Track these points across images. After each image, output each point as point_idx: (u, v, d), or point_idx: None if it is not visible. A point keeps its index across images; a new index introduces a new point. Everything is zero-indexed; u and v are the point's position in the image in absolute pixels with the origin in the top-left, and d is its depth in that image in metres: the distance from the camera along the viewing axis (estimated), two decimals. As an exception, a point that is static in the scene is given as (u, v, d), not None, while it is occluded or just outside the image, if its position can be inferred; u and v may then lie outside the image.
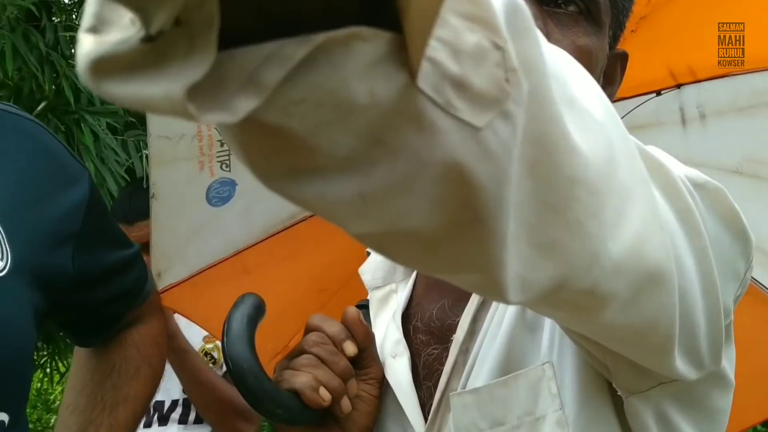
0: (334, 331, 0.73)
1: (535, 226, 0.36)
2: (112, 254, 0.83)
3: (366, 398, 0.75)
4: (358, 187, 0.29)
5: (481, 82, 0.28)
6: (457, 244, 0.33)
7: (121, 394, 0.88)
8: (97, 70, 0.24)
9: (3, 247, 0.64)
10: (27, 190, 0.69)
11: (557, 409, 0.64)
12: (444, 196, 0.30)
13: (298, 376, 0.70)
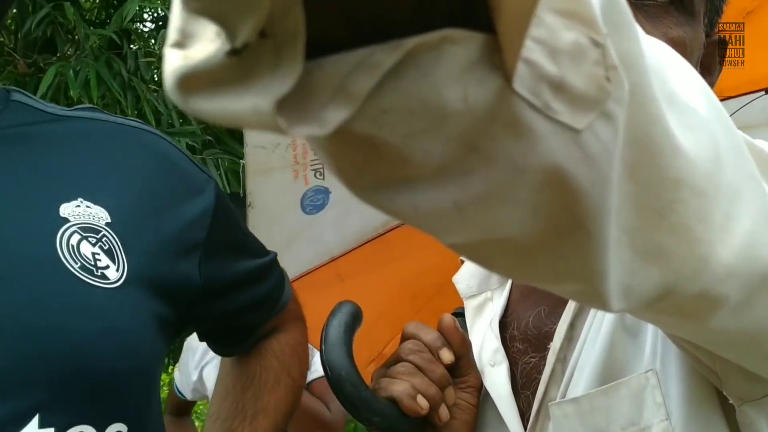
0: (430, 338, 0.72)
1: (638, 231, 0.34)
2: (243, 263, 0.83)
3: (464, 407, 0.74)
4: (452, 196, 0.28)
5: (580, 82, 0.27)
6: (557, 252, 0.32)
7: (260, 404, 0.89)
8: (184, 86, 0.23)
9: (120, 258, 0.65)
10: (148, 201, 0.70)
11: (663, 419, 0.61)
12: (543, 204, 0.29)
13: (395, 384, 0.69)
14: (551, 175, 0.28)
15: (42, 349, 0.58)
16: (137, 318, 0.64)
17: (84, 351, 0.60)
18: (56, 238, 0.62)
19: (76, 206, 0.65)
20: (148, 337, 0.66)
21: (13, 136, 0.67)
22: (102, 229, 0.65)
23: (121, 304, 0.63)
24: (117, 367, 0.62)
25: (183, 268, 0.72)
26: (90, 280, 0.62)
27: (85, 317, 0.60)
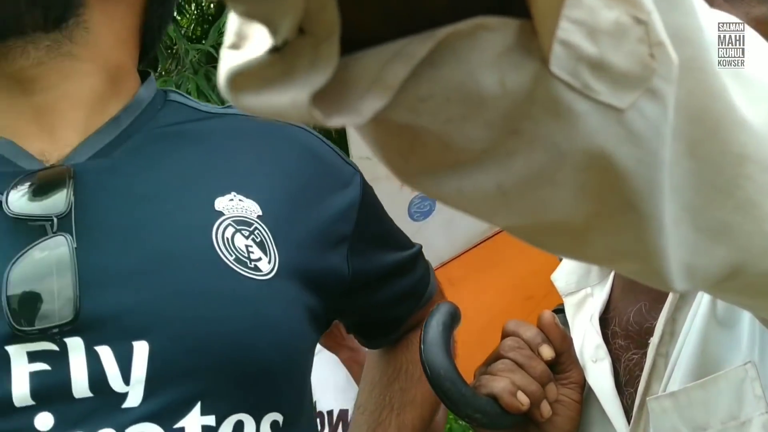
0: (530, 335, 0.72)
1: (701, 209, 0.33)
2: (390, 256, 0.83)
3: (567, 403, 0.73)
4: (496, 179, 0.28)
5: (621, 61, 0.27)
6: (610, 233, 0.31)
7: (408, 397, 0.90)
8: (234, 84, 0.25)
9: (271, 251, 0.67)
10: (296, 194, 0.72)
11: (764, 412, 0.60)
12: (590, 185, 0.29)
13: (495, 381, 0.70)
14: (595, 155, 0.28)
15: (202, 339, 0.60)
16: (289, 310, 0.66)
17: (241, 342, 0.61)
18: (212, 231, 0.64)
19: (230, 200, 0.67)
20: (300, 328, 0.68)
21: (171, 133, 0.70)
22: (254, 222, 0.67)
23: (273, 296, 0.65)
24: (272, 357, 0.63)
25: (332, 261, 0.73)
26: (244, 272, 0.64)
27: (241, 309, 0.62)
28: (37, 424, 0.56)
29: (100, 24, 0.67)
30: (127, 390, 0.57)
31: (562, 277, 0.83)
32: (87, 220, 0.61)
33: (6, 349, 0.56)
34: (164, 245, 0.62)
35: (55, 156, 0.65)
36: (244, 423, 0.62)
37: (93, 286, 0.57)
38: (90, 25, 0.66)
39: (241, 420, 0.62)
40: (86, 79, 0.67)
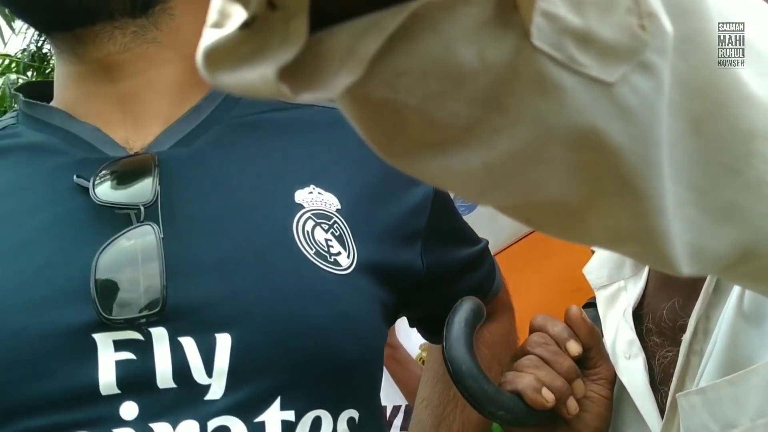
0: (556, 330, 0.71)
1: (707, 189, 0.32)
2: (461, 251, 0.83)
3: (596, 399, 0.72)
4: (481, 157, 0.27)
5: (609, 33, 0.26)
6: (608, 214, 0.30)
7: None
8: (209, 62, 0.24)
9: (350, 245, 0.66)
10: (372, 188, 0.71)
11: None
12: (581, 163, 0.28)
13: (520, 377, 0.69)
14: (584, 132, 0.27)
15: (283, 333, 0.59)
16: (366, 305, 0.65)
17: (321, 337, 0.61)
18: (293, 223, 0.64)
19: (309, 192, 0.67)
20: (376, 324, 0.67)
21: (250, 123, 0.70)
22: (333, 215, 0.66)
23: (352, 291, 0.64)
24: (351, 354, 0.63)
25: (407, 256, 0.72)
26: (324, 267, 0.63)
27: (321, 303, 0.61)
28: (122, 413, 0.55)
29: (185, 10, 0.66)
30: (209, 382, 0.57)
31: (594, 270, 0.81)
32: (171, 209, 0.61)
33: (93, 337, 0.56)
34: (247, 237, 0.62)
35: (138, 144, 0.65)
36: (322, 419, 0.61)
37: (177, 276, 0.57)
38: (175, 12, 0.66)
39: (319, 416, 0.61)
40: (170, 67, 0.67)
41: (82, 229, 0.60)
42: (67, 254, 0.59)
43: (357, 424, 0.64)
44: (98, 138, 0.65)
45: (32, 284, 0.57)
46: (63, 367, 0.55)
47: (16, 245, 0.59)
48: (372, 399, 0.69)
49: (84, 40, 0.63)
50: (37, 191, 0.62)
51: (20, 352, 0.55)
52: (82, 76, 0.66)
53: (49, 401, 0.54)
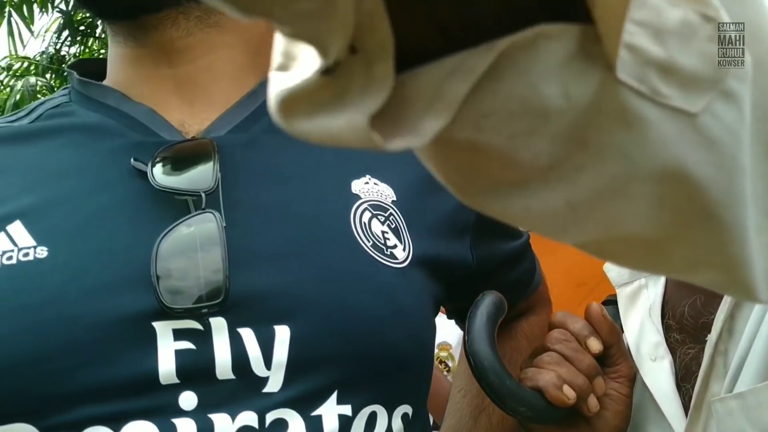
0: (577, 327, 0.71)
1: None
2: (507, 244, 0.82)
3: (616, 397, 0.72)
4: (564, 195, 0.26)
5: (691, 62, 0.25)
6: (689, 244, 0.29)
7: None
8: (285, 109, 0.24)
9: (405, 238, 0.65)
10: (425, 181, 0.69)
11: None
12: (665, 195, 0.27)
13: (541, 374, 0.69)
14: (669, 164, 0.26)
15: (341, 326, 0.58)
16: (421, 299, 0.64)
17: (379, 331, 0.59)
18: (350, 214, 0.62)
19: (365, 183, 0.65)
20: (429, 319, 0.65)
21: None
22: (389, 207, 0.65)
23: (407, 285, 0.62)
24: (407, 348, 0.61)
25: (457, 249, 0.71)
26: (381, 259, 0.61)
27: (379, 297, 0.60)
28: (181, 402, 0.54)
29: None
30: (267, 375, 0.56)
31: (615, 267, 0.81)
32: (230, 197, 0.59)
33: (153, 326, 0.54)
34: (305, 227, 0.60)
35: (194, 128, 0.64)
36: (378, 414, 0.60)
37: (237, 266, 0.55)
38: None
39: (375, 411, 0.59)
40: (229, 51, 0.66)
41: (141, 214, 0.59)
42: (126, 239, 0.57)
43: (410, 420, 0.63)
44: (154, 120, 0.64)
45: (91, 269, 0.56)
46: (122, 354, 0.54)
47: (75, 228, 0.58)
48: (423, 395, 0.67)
49: (147, 25, 0.63)
50: (94, 173, 0.61)
51: (79, 339, 0.53)
52: (140, 58, 0.65)
53: (109, 389, 0.53)
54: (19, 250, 0.56)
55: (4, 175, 0.61)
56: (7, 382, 0.53)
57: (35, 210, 0.59)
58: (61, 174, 0.61)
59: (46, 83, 5.06)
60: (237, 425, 0.54)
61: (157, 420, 0.53)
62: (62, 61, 5.17)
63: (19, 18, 4.70)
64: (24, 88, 4.69)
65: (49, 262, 0.56)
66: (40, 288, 0.55)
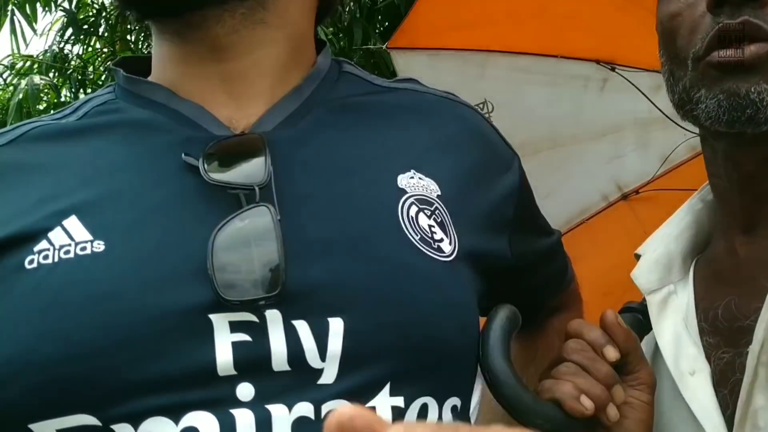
0: (593, 336, 0.70)
1: None
2: (542, 241, 0.83)
3: (637, 405, 0.70)
4: None
5: None
6: None
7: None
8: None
9: (451, 232, 0.65)
10: (468, 175, 0.70)
11: None
12: None
13: (558, 385, 0.68)
14: None
15: (394, 318, 0.58)
16: (468, 292, 0.65)
17: (430, 323, 0.60)
18: (398, 208, 0.63)
19: (410, 177, 0.66)
20: (475, 312, 0.66)
21: (350, 105, 0.70)
22: (434, 201, 0.66)
23: (455, 278, 0.63)
24: (457, 341, 0.62)
25: (497, 244, 0.72)
26: (429, 253, 0.62)
27: (429, 289, 0.60)
28: (239, 393, 0.55)
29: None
30: (322, 366, 0.56)
31: (643, 274, 0.80)
32: (282, 190, 0.60)
33: (210, 318, 0.55)
34: (356, 221, 0.61)
35: (242, 123, 0.65)
36: (429, 406, 0.60)
37: (291, 258, 0.56)
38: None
39: (426, 403, 0.60)
40: (274, 47, 0.66)
41: (194, 208, 0.59)
42: (181, 234, 0.58)
43: (459, 412, 0.64)
44: (202, 116, 0.64)
45: (148, 263, 0.56)
46: (180, 347, 0.54)
47: (130, 224, 0.58)
48: (470, 388, 0.68)
49: (192, 23, 0.63)
50: (146, 169, 0.62)
51: (138, 331, 0.54)
52: (186, 56, 0.66)
53: (167, 381, 0.54)
54: (77, 244, 0.57)
55: (57, 171, 0.62)
56: (69, 374, 0.54)
57: (90, 205, 0.59)
58: (114, 170, 0.62)
59: (50, 82, 5.05)
60: (294, 416, 0.55)
61: (215, 411, 0.54)
62: (65, 60, 5.17)
63: (22, 16, 4.68)
64: (28, 86, 4.67)
65: (107, 255, 0.57)
66: (99, 281, 0.56)
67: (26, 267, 0.57)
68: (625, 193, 1.83)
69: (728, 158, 0.71)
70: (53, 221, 0.58)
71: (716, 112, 0.65)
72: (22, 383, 0.54)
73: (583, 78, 1.69)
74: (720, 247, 0.76)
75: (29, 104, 4.69)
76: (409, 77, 0.80)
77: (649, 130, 1.76)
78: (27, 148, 0.65)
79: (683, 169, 1.78)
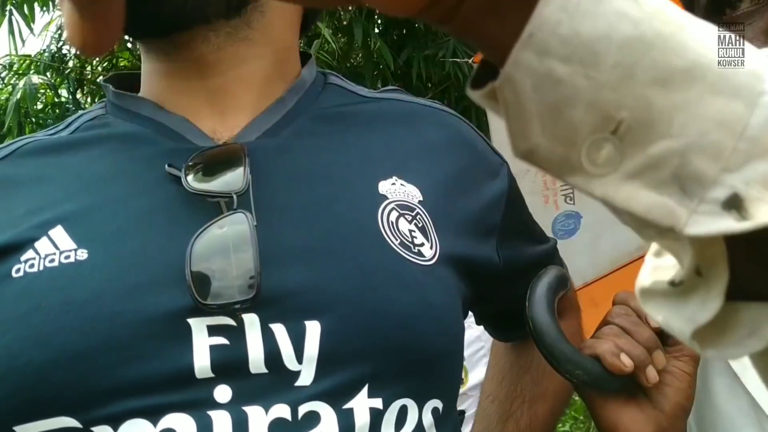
0: (637, 303, 0.70)
1: None
2: (533, 248, 0.83)
3: (678, 374, 0.72)
4: None
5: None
6: None
7: (539, 390, 0.89)
8: (644, 294, 0.33)
9: (432, 237, 0.66)
10: (452, 181, 0.71)
11: None
12: None
13: (599, 343, 0.70)
14: None
15: (372, 321, 0.59)
16: (449, 296, 0.66)
17: (408, 326, 0.61)
18: (378, 213, 0.64)
19: (392, 184, 0.67)
20: (458, 316, 0.67)
21: (333, 115, 0.71)
22: (415, 207, 0.67)
23: (435, 282, 0.64)
24: (437, 344, 0.63)
25: (484, 250, 0.73)
26: (408, 257, 0.63)
27: (407, 293, 0.61)
28: (216, 396, 0.56)
29: (273, 7, 0.67)
30: (299, 368, 0.57)
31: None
32: (260, 198, 0.61)
33: (188, 322, 0.56)
34: (334, 226, 0.62)
35: (225, 135, 0.66)
36: (408, 408, 0.61)
37: (268, 264, 0.57)
38: (265, 9, 0.67)
39: (406, 405, 0.61)
40: (259, 62, 0.68)
41: (175, 216, 0.61)
42: (162, 241, 0.59)
43: (440, 414, 0.64)
44: (187, 128, 0.66)
45: (129, 270, 0.58)
46: (159, 350, 0.56)
47: (113, 232, 0.60)
48: (453, 390, 0.69)
49: (177, 43, 0.65)
50: (130, 180, 0.63)
51: (118, 335, 0.56)
52: (172, 72, 0.68)
53: (147, 384, 0.55)
54: (61, 252, 0.59)
55: (47, 184, 0.64)
56: (51, 378, 0.55)
57: (76, 215, 0.61)
58: (99, 181, 0.64)
59: (48, 81, 5.04)
60: (270, 417, 0.56)
61: (193, 413, 0.55)
62: (63, 60, 5.17)
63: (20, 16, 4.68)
64: (26, 86, 4.67)
65: (89, 263, 0.58)
66: (81, 288, 0.57)
67: (13, 276, 0.58)
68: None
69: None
70: (40, 231, 0.60)
71: None
72: (5, 387, 0.55)
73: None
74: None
75: (27, 104, 4.70)
76: (395, 87, 0.81)
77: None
78: (18, 163, 0.67)
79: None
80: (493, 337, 0.98)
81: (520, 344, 0.93)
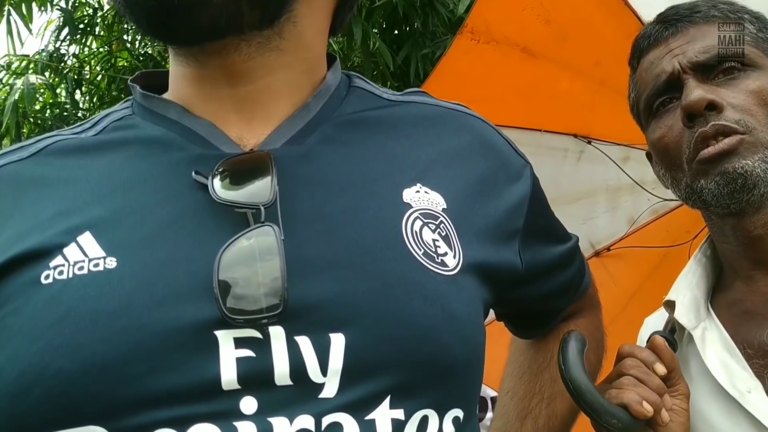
0: (645, 355, 0.86)
1: None
2: (555, 248, 0.84)
3: (679, 411, 0.86)
4: None
5: None
6: None
7: (558, 387, 0.90)
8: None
9: (455, 246, 0.66)
10: (474, 187, 0.71)
11: None
12: None
13: (624, 393, 0.83)
14: None
15: (394, 333, 0.59)
16: (472, 306, 0.66)
17: (431, 337, 0.61)
18: (402, 223, 0.64)
19: (416, 192, 0.67)
20: (480, 324, 0.67)
21: (357, 121, 0.71)
22: (439, 215, 0.67)
23: (458, 292, 0.64)
24: (458, 354, 0.63)
25: (506, 254, 0.72)
26: (432, 267, 0.63)
27: (430, 304, 0.61)
28: (242, 407, 0.56)
29: (306, 17, 0.67)
30: (323, 381, 0.57)
31: (683, 315, 0.93)
32: (287, 208, 0.61)
33: (215, 334, 0.57)
34: (359, 237, 0.62)
35: (252, 141, 0.66)
36: (429, 418, 0.61)
37: (294, 276, 0.57)
38: (297, 20, 0.67)
39: (427, 415, 0.61)
40: (288, 72, 0.68)
41: (202, 225, 0.61)
42: (189, 251, 0.59)
43: (461, 423, 0.65)
44: (214, 134, 0.66)
45: (157, 280, 0.58)
46: (187, 362, 0.56)
47: (140, 240, 0.60)
48: (475, 398, 0.69)
49: (209, 51, 0.65)
50: (157, 185, 0.63)
51: (147, 346, 0.56)
52: (201, 78, 0.67)
53: (174, 394, 0.55)
54: (90, 260, 0.59)
55: (74, 186, 0.64)
56: (81, 387, 0.55)
57: (104, 221, 0.61)
58: (127, 186, 0.63)
59: (46, 81, 5.04)
60: (295, 428, 0.56)
61: (220, 423, 0.55)
62: (61, 60, 5.16)
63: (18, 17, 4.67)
64: (24, 86, 4.66)
65: (118, 272, 0.58)
66: (111, 297, 0.57)
67: (42, 282, 0.58)
68: (597, 251, 2.06)
69: (737, 230, 0.88)
70: (68, 237, 0.60)
71: (718, 190, 0.84)
72: (36, 395, 0.55)
73: (562, 149, 1.95)
74: (740, 292, 0.91)
75: (25, 104, 4.69)
76: (418, 89, 0.81)
77: (619, 195, 2.02)
78: (47, 162, 0.67)
79: (647, 230, 2.03)
80: (513, 334, 0.99)
81: (539, 341, 0.94)
